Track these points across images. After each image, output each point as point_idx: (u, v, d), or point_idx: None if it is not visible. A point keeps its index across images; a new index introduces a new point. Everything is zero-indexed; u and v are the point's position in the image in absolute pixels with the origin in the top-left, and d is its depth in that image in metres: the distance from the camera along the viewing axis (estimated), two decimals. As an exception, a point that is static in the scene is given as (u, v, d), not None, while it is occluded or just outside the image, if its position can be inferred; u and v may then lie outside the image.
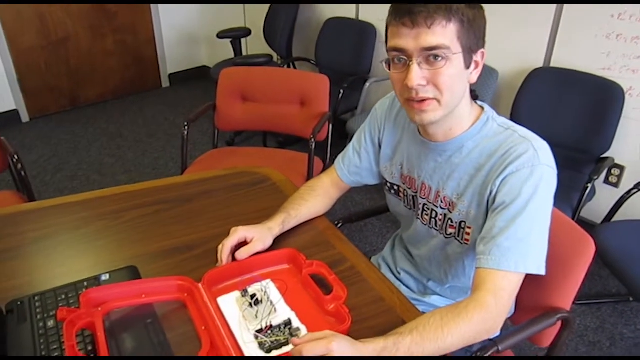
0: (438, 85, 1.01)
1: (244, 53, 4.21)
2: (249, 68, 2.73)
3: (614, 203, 2.20)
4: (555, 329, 1.23)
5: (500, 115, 1.15)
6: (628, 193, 2.15)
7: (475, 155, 1.11)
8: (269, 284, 1.12)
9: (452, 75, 1.01)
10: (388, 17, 1.03)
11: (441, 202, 1.19)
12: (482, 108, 1.15)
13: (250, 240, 1.20)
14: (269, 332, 0.99)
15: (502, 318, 1.00)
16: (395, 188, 1.32)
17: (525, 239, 1.01)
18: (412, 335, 0.92)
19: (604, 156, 2.36)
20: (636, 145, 2.39)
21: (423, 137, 1.18)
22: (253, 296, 1.07)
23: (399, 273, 1.41)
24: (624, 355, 2.04)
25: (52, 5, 4.04)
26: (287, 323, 1.02)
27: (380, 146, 1.33)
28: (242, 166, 1.69)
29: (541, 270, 1.02)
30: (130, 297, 1.06)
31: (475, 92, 1.13)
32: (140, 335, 0.99)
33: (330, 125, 2.42)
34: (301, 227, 1.34)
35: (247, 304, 1.06)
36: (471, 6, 0.99)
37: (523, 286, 1.03)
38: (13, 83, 4.03)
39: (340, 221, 1.55)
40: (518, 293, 1.04)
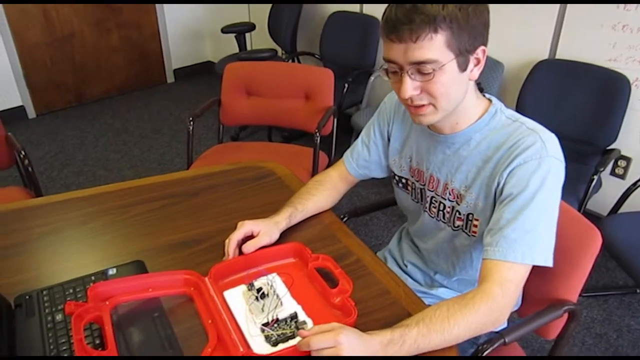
0: (432, 93, 1.02)
1: (249, 48, 4.21)
2: (254, 63, 2.73)
3: (621, 195, 2.19)
4: (561, 321, 1.23)
5: (507, 107, 1.15)
6: (634, 185, 2.14)
7: (483, 147, 1.11)
8: (275, 278, 1.12)
9: (445, 82, 1.01)
10: (380, 29, 1.03)
11: (449, 195, 1.19)
12: (490, 101, 1.14)
13: (256, 234, 1.20)
14: (275, 326, 0.99)
15: (509, 309, 1.01)
16: (403, 181, 1.32)
17: (532, 231, 1.01)
18: (419, 326, 0.92)
19: (610, 148, 2.35)
20: (643, 136, 2.38)
21: (431, 130, 1.18)
22: (259, 290, 1.08)
23: (406, 266, 1.41)
24: (632, 346, 2.04)
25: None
26: (294, 316, 1.02)
27: (389, 139, 1.33)
28: (247, 161, 1.69)
29: (548, 262, 1.02)
30: (137, 291, 1.06)
31: (480, 85, 1.13)
32: (147, 328, 1.00)
33: (335, 119, 2.42)
34: (307, 221, 1.34)
35: (254, 298, 1.06)
36: (464, 7, 0.96)
37: (529, 278, 1.03)
38: (19, 79, 4.05)
39: (345, 215, 1.55)
40: (524, 285, 1.03)
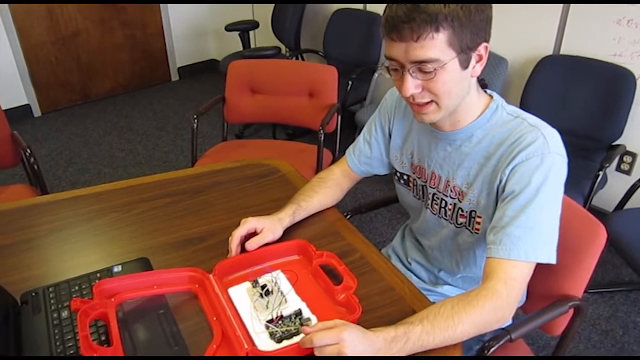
0: (433, 91, 1.02)
1: (252, 45, 4.21)
2: (258, 60, 2.73)
3: (626, 191, 2.18)
4: (567, 317, 1.23)
5: (509, 103, 1.14)
6: (640, 181, 2.14)
7: (484, 144, 1.11)
8: (279, 275, 1.13)
9: (447, 80, 1.00)
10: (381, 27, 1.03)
11: (451, 192, 1.19)
12: (491, 97, 1.14)
13: (260, 230, 1.20)
14: (280, 322, 1.00)
15: (514, 307, 1.00)
16: (404, 178, 1.32)
17: (535, 228, 1.01)
18: (423, 324, 0.92)
19: (616, 144, 2.35)
20: (648, 132, 2.37)
21: (432, 127, 1.18)
22: (264, 287, 1.08)
23: (410, 263, 1.41)
24: (638, 343, 2.03)
25: None
26: (298, 313, 1.03)
27: (390, 136, 1.33)
28: (252, 158, 1.69)
29: (552, 259, 1.02)
30: (142, 288, 1.07)
31: (484, 81, 1.12)
32: (152, 325, 1.00)
33: (339, 116, 2.42)
34: (311, 218, 1.34)
35: (258, 295, 1.07)
36: (465, 4, 0.95)
37: (534, 275, 1.03)
38: (25, 78, 4.07)
39: (349, 212, 1.55)
40: (529, 281, 1.03)
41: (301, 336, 0.96)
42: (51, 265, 1.21)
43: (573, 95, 2.41)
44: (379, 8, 3.31)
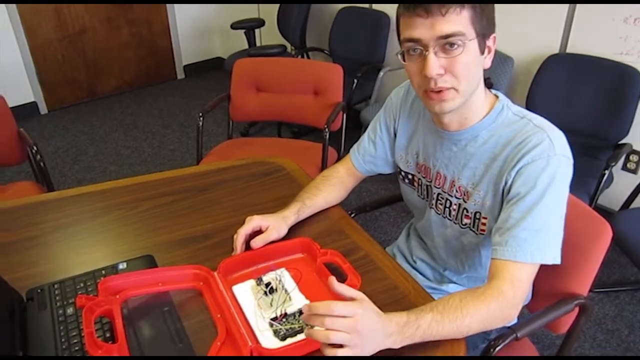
0: (455, 73, 1.01)
1: (258, 44, 4.21)
2: (263, 59, 2.73)
3: (632, 190, 2.17)
4: (572, 316, 1.23)
5: (515, 103, 1.14)
6: (646, 180, 2.13)
7: (490, 144, 1.11)
8: (284, 273, 1.13)
9: (469, 62, 1.01)
10: (399, 9, 1.02)
11: (456, 192, 1.18)
12: (497, 97, 1.14)
13: (265, 229, 1.21)
14: (284, 320, 1.00)
15: (519, 307, 1.01)
16: (409, 177, 1.32)
17: (541, 230, 1.01)
18: (433, 312, 0.93)
19: (622, 142, 2.33)
20: (655, 131, 2.35)
21: (437, 127, 1.18)
22: (268, 285, 1.08)
23: (415, 262, 1.41)
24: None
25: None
26: (302, 311, 1.03)
27: (395, 135, 1.33)
28: (257, 156, 1.69)
29: (557, 259, 1.02)
30: (147, 285, 1.07)
31: (490, 80, 1.12)
32: (157, 322, 1.01)
33: (344, 115, 2.42)
34: (315, 217, 1.34)
35: (262, 293, 1.07)
36: None
37: (540, 273, 1.03)
38: (31, 75, 4.09)
39: (354, 211, 1.55)
40: (535, 280, 1.04)
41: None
42: (57, 262, 1.21)
43: (579, 93, 2.40)
44: (385, 7, 3.31)
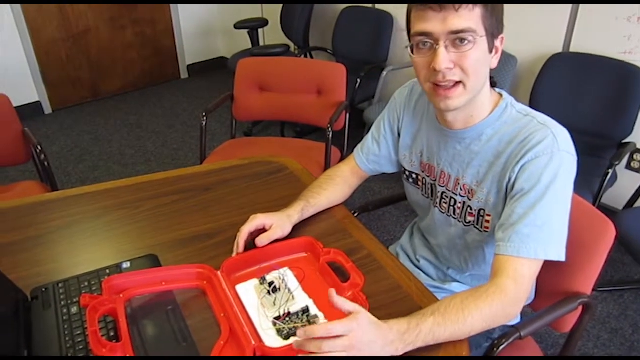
0: (464, 68, 1.01)
1: (261, 43, 4.21)
2: (266, 58, 2.74)
3: (636, 189, 2.16)
4: (575, 315, 1.23)
5: (519, 101, 1.14)
6: (650, 179, 2.12)
7: (494, 142, 1.11)
8: (287, 272, 1.13)
9: (478, 58, 1.01)
10: (411, 2, 1.03)
11: (460, 190, 1.18)
12: (501, 95, 1.14)
13: (269, 227, 1.21)
14: (287, 319, 1.00)
15: (522, 304, 1.01)
16: (413, 176, 1.32)
17: (544, 226, 1.00)
18: (435, 316, 0.93)
19: (626, 141, 2.32)
20: (659, 130, 2.34)
21: (442, 126, 1.18)
22: (271, 284, 1.09)
23: (418, 261, 1.41)
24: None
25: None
26: (305, 310, 1.03)
27: (399, 134, 1.33)
28: (260, 156, 1.69)
29: (561, 256, 1.02)
30: (150, 285, 1.08)
31: (493, 79, 1.12)
32: (160, 321, 1.01)
33: (347, 114, 2.42)
34: (319, 216, 1.34)
35: (265, 292, 1.07)
36: None
37: (543, 272, 1.03)
38: (36, 75, 4.10)
39: (357, 210, 1.55)
40: (538, 279, 1.04)
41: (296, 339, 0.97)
42: (61, 261, 1.22)
43: (583, 93, 2.39)
44: (388, 6, 3.31)
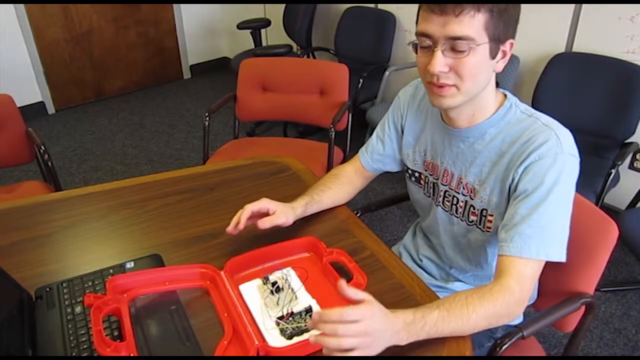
0: (460, 73, 1.01)
1: (264, 44, 4.22)
2: (269, 58, 2.74)
3: (639, 188, 2.16)
4: (578, 314, 1.23)
5: (522, 102, 1.14)
6: (653, 179, 2.12)
7: (497, 142, 1.11)
8: (290, 272, 1.13)
9: (475, 64, 1.01)
10: (416, 2, 1.03)
11: (463, 189, 1.19)
12: (505, 95, 1.14)
13: (272, 212, 1.21)
14: (290, 319, 1.00)
15: (525, 304, 1.01)
16: (416, 175, 1.32)
17: (547, 227, 1.01)
18: (439, 309, 0.94)
19: (629, 141, 2.32)
20: (662, 130, 2.34)
21: (446, 124, 1.18)
22: (274, 284, 1.09)
23: (421, 260, 1.41)
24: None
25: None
26: (308, 310, 1.03)
27: (402, 133, 1.34)
28: (263, 156, 1.70)
29: (562, 257, 1.02)
30: (154, 284, 1.08)
31: (496, 79, 1.12)
32: (164, 321, 1.02)
33: (349, 114, 2.42)
34: (321, 216, 1.34)
35: (269, 292, 1.07)
36: None
37: (546, 272, 1.03)
38: (39, 75, 4.11)
39: (359, 210, 1.55)
40: (541, 279, 1.04)
41: (312, 333, 0.97)
42: (65, 261, 1.22)
43: (585, 93, 2.39)
44: (391, 6, 3.31)
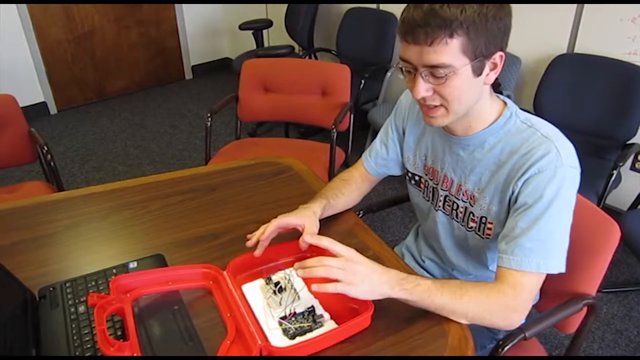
0: (443, 96, 1.02)
1: (266, 44, 4.22)
2: (271, 59, 2.74)
3: (641, 190, 2.17)
4: (580, 315, 1.23)
5: (522, 108, 1.13)
6: (655, 180, 2.12)
7: (496, 151, 1.10)
8: (292, 272, 1.13)
9: (458, 86, 1.00)
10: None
11: (463, 195, 1.19)
12: (505, 103, 1.13)
13: (301, 228, 1.18)
14: (293, 319, 1.01)
15: (521, 314, 1.02)
16: (416, 179, 1.33)
17: (547, 240, 1.01)
18: (433, 281, 0.98)
19: (630, 142, 2.32)
20: (664, 131, 2.34)
21: (446, 131, 1.18)
22: (277, 284, 1.09)
23: (424, 261, 1.41)
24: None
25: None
26: (311, 310, 1.03)
27: (404, 136, 1.34)
28: (265, 156, 1.70)
29: (562, 269, 1.03)
30: (157, 284, 1.08)
31: (497, 80, 1.12)
32: (167, 321, 1.02)
33: (351, 115, 2.43)
34: (324, 217, 1.34)
35: (271, 292, 1.08)
36: (483, 11, 0.93)
37: (548, 274, 1.03)
38: (41, 76, 4.12)
39: (361, 211, 1.56)
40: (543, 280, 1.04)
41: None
42: (68, 260, 1.23)
43: (587, 94, 2.39)
44: (392, 7, 3.31)
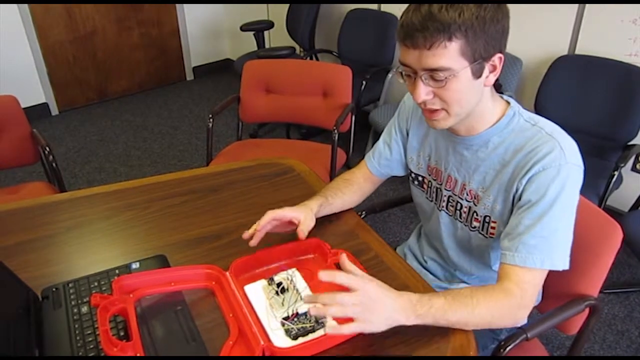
0: (444, 98, 1.02)
1: (267, 45, 4.23)
2: (272, 60, 2.75)
3: (642, 191, 2.17)
4: (582, 316, 1.23)
5: (524, 107, 1.14)
6: (656, 181, 2.12)
7: (500, 150, 1.11)
8: (295, 273, 1.14)
9: (458, 89, 1.00)
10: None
11: (467, 195, 1.19)
12: (508, 102, 1.14)
13: (297, 221, 1.21)
14: (295, 320, 1.01)
15: (527, 310, 1.02)
16: (419, 179, 1.33)
17: (551, 237, 1.02)
18: (445, 297, 0.96)
19: (631, 143, 2.33)
20: (665, 133, 2.34)
21: (449, 132, 1.18)
22: (279, 284, 1.09)
23: (426, 262, 1.41)
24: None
25: None
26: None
27: (408, 136, 1.34)
28: (266, 157, 1.70)
29: (565, 265, 1.03)
30: (160, 285, 1.09)
31: (498, 81, 1.12)
32: (170, 321, 1.02)
33: (352, 116, 2.43)
34: (326, 218, 1.34)
35: (274, 292, 1.08)
36: (481, 14, 0.94)
37: (550, 274, 1.04)
38: (43, 77, 4.12)
39: (363, 212, 1.56)
40: (545, 281, 1.05)
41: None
42: (70, 261, 1.23)
43: (588, 95, 2.40)
44: (394, 8, 3.31)
